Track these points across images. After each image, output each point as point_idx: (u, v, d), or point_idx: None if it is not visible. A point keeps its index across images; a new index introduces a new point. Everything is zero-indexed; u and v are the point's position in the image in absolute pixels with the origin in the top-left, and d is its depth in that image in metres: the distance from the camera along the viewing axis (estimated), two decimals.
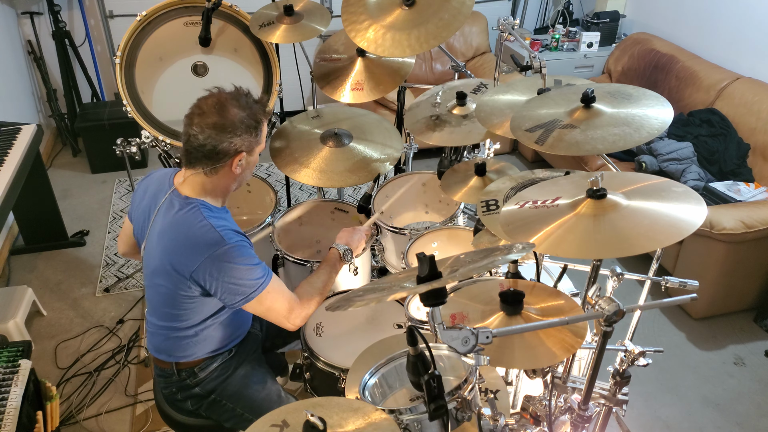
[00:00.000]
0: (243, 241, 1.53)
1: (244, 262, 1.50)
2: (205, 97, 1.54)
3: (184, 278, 1.51)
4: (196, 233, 1.49)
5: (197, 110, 1.51)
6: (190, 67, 2.35)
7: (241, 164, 1.55)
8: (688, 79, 3.65)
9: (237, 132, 1.50)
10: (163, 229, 1.55)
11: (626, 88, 1.50)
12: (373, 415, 1.11)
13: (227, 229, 1.51)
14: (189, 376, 1.70)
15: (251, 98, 1.57)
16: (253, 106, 1.56)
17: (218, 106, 1.50)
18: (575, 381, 1.45)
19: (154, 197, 1.61)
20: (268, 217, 2.31)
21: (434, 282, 1.03)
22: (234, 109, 1.51)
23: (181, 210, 1.53)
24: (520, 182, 1.75)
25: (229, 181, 1.59)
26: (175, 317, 1.61)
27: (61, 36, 4.03)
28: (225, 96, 1.53)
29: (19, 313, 2.64)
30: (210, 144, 1.49)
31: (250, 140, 1.54)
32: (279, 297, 1.57)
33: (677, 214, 1.17)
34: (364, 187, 3.83)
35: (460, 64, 2.46)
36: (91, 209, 3.77)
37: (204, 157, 1.51)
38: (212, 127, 1.48)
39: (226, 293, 1.51)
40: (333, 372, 1.78)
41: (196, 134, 1.49)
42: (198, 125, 1.49)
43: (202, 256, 1.47)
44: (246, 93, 1.57)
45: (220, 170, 1.54)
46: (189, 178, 1.56)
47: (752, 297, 2.89)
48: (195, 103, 1.53)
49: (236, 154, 1.53)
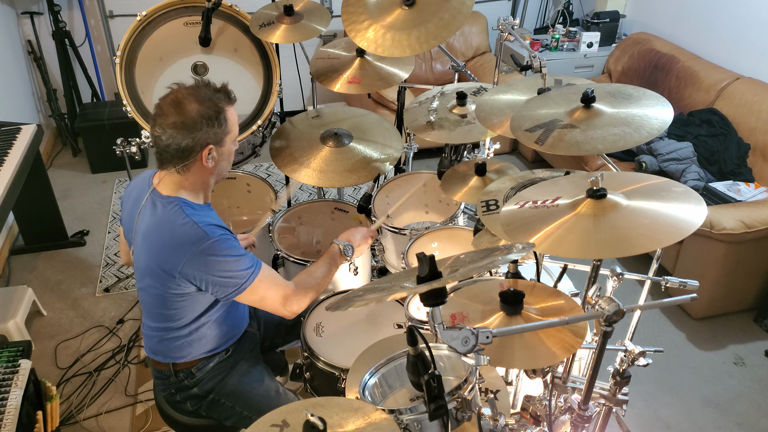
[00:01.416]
0: (226, 235, 1.52)
1: (229, 254, 1.50)
2: (164, 96, 1.52)
3: (172, 277, 1.51)
4: (180, 231, 1.49)
5: (158, 111, 1.50)
6: (190, 67, 2.35)
7: (212, 156, 1.53)
8: (688, 79, 3.65)
9: (197, 126, 1.48)
10: (147, 230, 1.55)
11: (626, 88, 1.50)
12: (373, 415, 1.11)
13: (209, 224, 1.51)
14: (186, 377, 1.70)
15: (210, 88, 1.54)
16: (213, 96, 1.52)
17: (175, 104, 1.48)
18: (575, 381, 1.45)
19: (137, 200, 1.61)
20: (268, 218, 2.31)
21: (434, 282, 1.03)
22: (192, 104, 1.48)
23: (163, 209, 1.53)
24: (520, 182, 1.75)
25: (206, 176, 1.57)
26: (168, 317, 1.61)
27: (61, 36, 4.03)
28: (182, 92, 1.50)
29: (19, 313, 2.64)
30: (174, 143, 1.48)
31: (215, 131, 1.52)
32: (271, 285, 1.57)
33: (677, 214, 1.17)
34: (364, 187, 3.83)
35: (460, 64, 2.46)
36: (91, 209, 3.77)
37: (173, 157, 1.51)
38: (172, 126, 1.47)
39: (217, 287, 1.52)
40: (333, 372, 1.78)
41: (160, 135, 1.49)
42: (160, 126, 1.48)
43: (188, 252, 1.47)
44: (206, 84, 1.55)
45: (192, 166, 1.53)
46: (164, 178, 1.56)
47: (752, 297, 2.89)
48: (156, 103, 1.52)
49: (203, 148, 1.51)
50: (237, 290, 1.53)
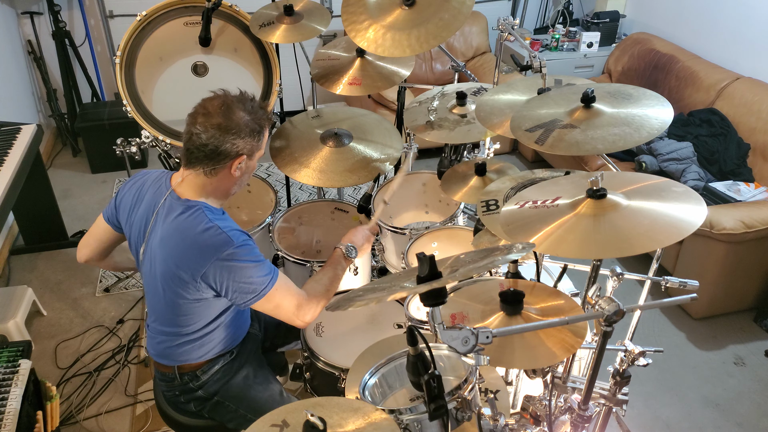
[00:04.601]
0: (249, 240, 1.53)
1: (251, 260, 1.50)
2: (210, 98, 1.54)
3: (193, 281, 1.50)
4: (203, 236, 1.49)
5: (202, 110, 1.51)
6: (190, 67, 2.35)
7: (240, 167, 1.55)
8: (688, 79, 3.65)
9: (241, 134, 1.50)
10: (165, 234, 1.54)
11: (626, 88, 1.50)
12: (373, 415, 1.11)
13: (233, 230, 1.51)
14: (191, 380, 1.70)
15: (256, 103, 1.57)
16: (258, 111, 1.56)
17: (224, 108, 1.50)
18: (575, 381, 1.45)
19: (151, 202, 1.60)
20: (268, 217, 2.32)
21: (434, 282, 1.03)
22: (240, 112, 1.51)
23: (183, 214, 1.52)
24: (520, 182, 1.75)
25: (229, 184, 1.58)
26: (181, 322, 1.61)
27: (61, 36, 4.03)
28: (231, 99, 1.53)
29: (19, 313, 2.64)
30: (212, 144, 1.48)
31: (253, 144, 1.54)
32: (287, 294, 1.57)
33: (677, 214, 1.17)
34: (364, 187, 3.83)
35: (460, 64, 2.46)
36: (91, 209, 3.77)
37: (205, 157, 1.50)
38: (216, 127, 1.48)
39: (237, 293, 1.51)
40: (333, 372, 1.78)
41: (199, 133, 1.48)
42: (202, 124, 1.48)
43: (212, 258, 1.47)
44: (251, 98, 1.57)
45: (220, 172, 1.53)
46: (188, 178, 1.55)
47: (752, 297, 2.89)
48: (200, 103, 1.53)
49: (237, 156, 1.52)
50: (255, 297, 1.52)
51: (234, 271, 1.49)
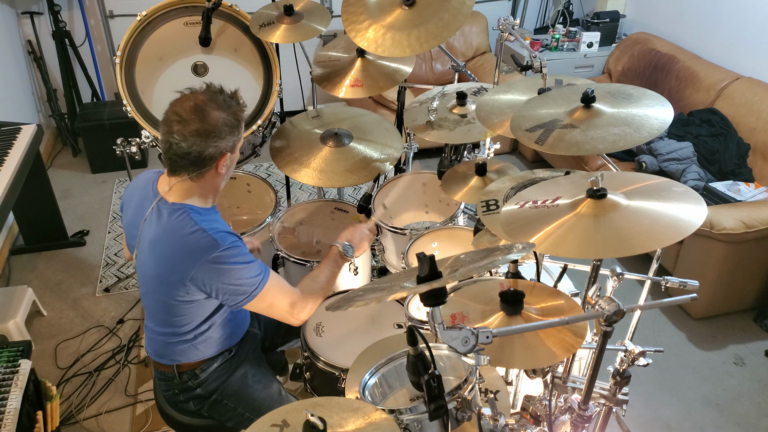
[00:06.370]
0: (236, 242, 1.51)
1: (240, 261, 1.49)
2: (179, 100, 1.47)
3: (182, 285, 1.50)
4: (189, 239, 1.47)
5: (175, 117, 1.44)
6: (190, 67, 2.35)
7: (226, 164, 1.53)
8: (688, 79, 3.65)
9: (221, 135, 1.46)
10: (154, 238, 1.53)
11: (626, 88, 1.50)
12: (373, 415, 1.11)
13: (219, 231, 1.49)
14: (190, 378, 1.70)
15: (226, 95, 1.52)
16: (231, 104, 1.51)
17: (198, 111, 1.44)
18: (575, 381, 1.45)
19: (140, 206, 1.59)
20: (268, 217, 2.32)
21: (434, 282, 1.03)
22: (214, 112, 1.45)
23: (169, 217, 1.51)
24: (520, 182, 1.75)
25: (217, 181, 1.56)
26: (174, 323, 1.61)
27: (61, 36, 4.03)
28: (202, 98, 1.47)
29: (19, 313, 2.64)
30: (195, 151, 1.45)
31: (234, 139, 1.51)
32: (279, 293, 1.57)
33: (677, 214, 1.17)
34: (364, 187, 3.83)
35: (460, 64, 2.46)
36: (91, 209, 3.77)
37: (190, 164, 1.48)
38: (195, 134, 1.43)
39: (227, 294, 1.51)
40: (333, 372, 1.78)
41: (179, 142, 1.44)
42: (179, 133, 1.43)
43: (198, 261, 1.46)
44: (220, 90, 1.52)
45: (206, 173, 1.51)
46: (175, 186, 1.53)
47: (752, 297, 2.89)
48: (170, 109, 1.47)
49: (222, 155, 1.50)
50: (247, 298, 1.52)
51: (223, 274, 1.48)
